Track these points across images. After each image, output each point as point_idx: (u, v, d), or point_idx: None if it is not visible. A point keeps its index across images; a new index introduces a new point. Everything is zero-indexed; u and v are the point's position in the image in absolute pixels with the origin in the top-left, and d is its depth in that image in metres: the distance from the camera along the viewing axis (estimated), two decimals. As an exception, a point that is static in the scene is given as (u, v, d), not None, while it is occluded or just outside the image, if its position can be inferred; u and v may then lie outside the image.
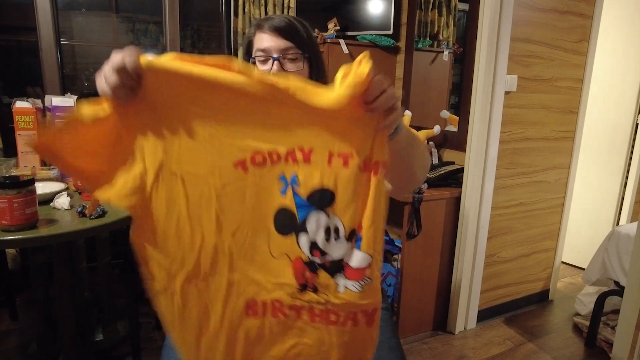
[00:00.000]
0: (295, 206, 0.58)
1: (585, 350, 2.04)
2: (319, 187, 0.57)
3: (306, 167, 0.57)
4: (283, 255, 0.60)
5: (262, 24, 0.89)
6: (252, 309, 0.62)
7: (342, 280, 0.60)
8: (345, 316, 0.61)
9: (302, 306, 0.61)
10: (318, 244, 0.59)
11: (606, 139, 2.81)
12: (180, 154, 0.56)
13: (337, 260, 0.60)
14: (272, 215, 0.59)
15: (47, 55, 1.99)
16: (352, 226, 0.58)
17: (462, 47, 2.21)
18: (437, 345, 2.04)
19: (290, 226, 0.59)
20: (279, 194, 0.58)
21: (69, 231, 1.02)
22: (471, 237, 2.06)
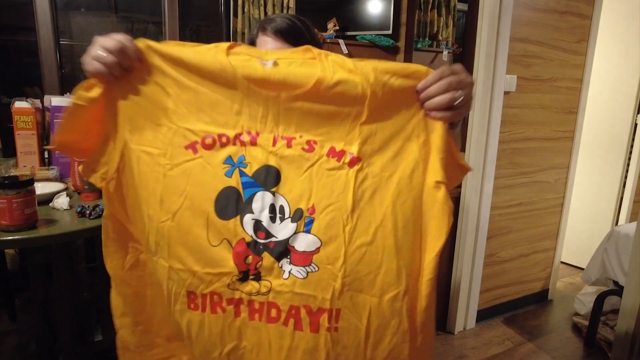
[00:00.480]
0: (242, 186, 0.58)
1: (585, 350, 2.05)
2: (264, 164, 0.59)
3: (252, 149, 0.59)
4: (223, 242, 0.58)
5: (265, 26, 0.88)
6: (193, 302, 0.60)
7: (287, 265, 0.58)
8: (287, 312, 0.57)
9: (241, 299, 0.58)
10: (263, 224, 0.58)
11: (605, 139, 2.82)
12: (141, 134, 0.59)
13: (281, 241, 0.58)
14: (214, 198, 0.58)
15: (46, 55, 1.99)
16: (298, 206, 0.58)
17: (461, 47, 2.21)
18: (437, 345, 2.04)
19: (234, 208, 0.58)
20: (223, 176, 0.58)
21: (69, 231, 1.01)
22: (471, 237, 2.06)
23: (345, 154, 0.58)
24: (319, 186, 0.58)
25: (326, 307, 0.57)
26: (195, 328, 0.60)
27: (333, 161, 0.58)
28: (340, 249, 0.57)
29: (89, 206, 1.09)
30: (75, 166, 1.20)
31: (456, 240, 2.09)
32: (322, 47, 0.93)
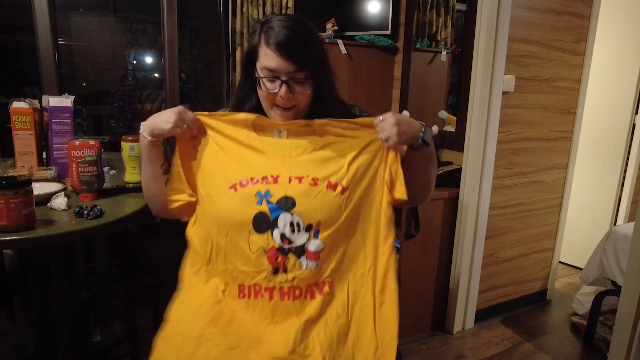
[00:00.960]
0: (269, 210, 0.84)
1: (583, 350, 2.05)
2: (284, 195, 0.85)
3: (275, 185, 0.87)
4: (259, 249, 0.84)
5: (269, 38, 0.86)
6: (242, 292, 0.86)
7: (304, 261, 0.85)
8: (305, 290, 0.85)
9: (275, 287, 0.84)
10: (286, 235, 0.84)
11: (603, 139, 2.82)
12: (203, 177, 0.92)
13: (299, 246, 0.84)
14: (251, 220, 0.84)
15: (44, 55, 1.99)
16: (309, 222, 0.85)
17: (460, 47, 2.21)
18: (436, 345, 2.04)
19: (265, 225, 0.84)
20: (255, 204, 0.85)
21: (67, 232, 1.01)
22: (469, 237, 2.06)
23: (338, 186, 0.87)
24: (323, 209, 0.86)
25: (327, 280, 0.87)
26: (242, 310, 0.85)
27: (330, 191, 0.87)
28: (336, 247, 0.87)
29: (87, 206, 1.09)
30: (73, 166, 1.20)
31: (455, 240, 2.09)
32: (325, 53, 0.93)
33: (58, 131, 1.36)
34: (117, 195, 1.29)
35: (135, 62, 3.03)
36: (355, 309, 0.87)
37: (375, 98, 2.56)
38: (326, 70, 0.93)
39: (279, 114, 0.91)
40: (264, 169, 0.88)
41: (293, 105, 0.90)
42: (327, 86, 0.93)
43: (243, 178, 0.87)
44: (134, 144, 1.39)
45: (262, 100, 0.93)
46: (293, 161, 0.89)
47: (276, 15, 0.91)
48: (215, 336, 0.83)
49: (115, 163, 1.58)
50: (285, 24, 0.87)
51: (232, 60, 2.33)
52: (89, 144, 1.21)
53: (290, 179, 0.87)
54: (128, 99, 2.90)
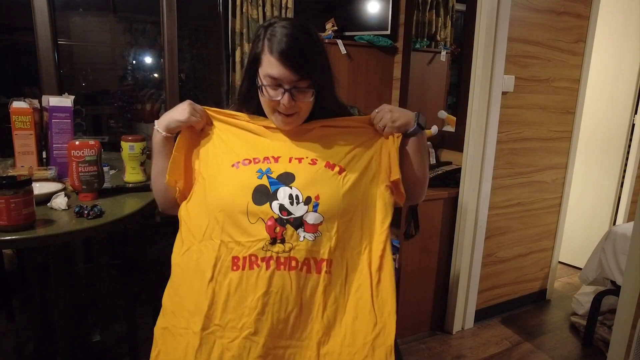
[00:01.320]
0: (269, 184, 0.88)
1: (582, 350, 2.05)
2: (284, 171, 0.90)
3: (275, 164, 0.91)
4: (258, 220, 0.85)
5: (272, 46, 0.86)
6: (236, 265, 0.85)
7: (302, 232, 0.86)
8: (302, 263, 0.85)
9: (271, 257, 0.84)
10: (285, 206, 0.86)
11: (602, 139, 2.82)
12: (206, 161, 0.96)
13: (298, 217, 0.86)
14: (251, 192, 0.86)
15: (44, 55, 1.98)
16: (308, 195, 0.87)
17: (459, 47, 2.21)
18: (435, 345, 2.04)
19: (265, 197, 0.86)
20: (256, 178, 0.89)
21: (66, 231, 1.01)
22: (469, 237, 2.07)
23: (336, 166, 0.91)
24: (321, 184, 0.89)
25: (325, 258, 0.86)
26: (235, 284, 0.84)
27: (329, 170, 0.91)
28: (335, 223, 0.88)
29: (87, 206, 1.09)
30: (73, 166, 1.20)
31: (454, 240, 2.09)
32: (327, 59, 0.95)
33: (58, 131, 1.36)
34: (117, 195, 1.29)
35: (134, 62, 3.03)
36: (352, 287, 0.89)
37: (375, 98, 2.56)
38: (328, 76, 0.94)
39: (281, 120, 0.93)
40: (265, 151, 0.94)
41: (295, 112, 0.92)
42: (328, 91, 0.95)
43: (245, 158, 0.92)
44: (133, 144, 1.40)
45: (263, 105, 0.94)
46: (294, 144, 0.96)
47: (279, 20, 0.90)
48: (217, 329, 0.84)
49: (115, 163, 1.58)
50: (288, 32, 0.86)
51: (232, 60, 2.34)
52: (89, 144, 1.22)
53: (290, 159, 0.92)
54: (127, 99, 2.90)
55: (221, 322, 0.84)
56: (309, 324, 0.85)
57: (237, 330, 0.83)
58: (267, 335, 0.83)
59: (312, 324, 0.85)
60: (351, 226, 0.90)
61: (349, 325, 0.86)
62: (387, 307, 0.88)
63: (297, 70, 0.86)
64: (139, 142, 1.40)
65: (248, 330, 0.83)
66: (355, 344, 0.84)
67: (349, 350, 0.84)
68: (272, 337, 0.83)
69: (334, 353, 0.84)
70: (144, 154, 1.42)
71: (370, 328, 0.86)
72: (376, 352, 0.84)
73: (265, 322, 0.83)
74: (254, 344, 0.82)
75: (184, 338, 0.85)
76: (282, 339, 0.84)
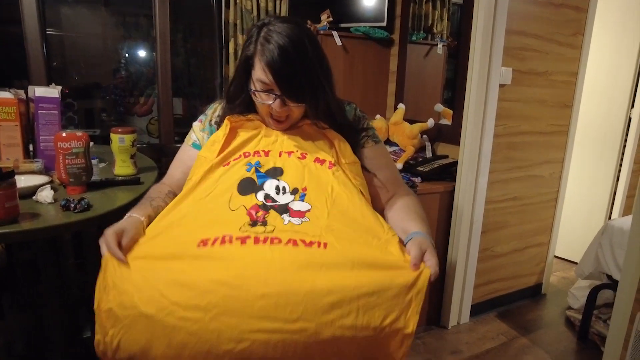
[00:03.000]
0: (257, 177, 0.87)
1: (578, 344, 2.05)
2: (273, 166, 0.89)
3: (265, 158, 0.91)
4: (240, 207, 0.81)
5: (264, 54, 0.86)
6: (202, 243, 0.73)
7: (287, 217, 0.80)
8: (287, 241, 0.73)
9: (249, 236, 0.73)
10: (270, 195, 0.84)
11: (599, 133, 2.81)
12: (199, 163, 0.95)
13: (283, 204, 0.82)
14: (237, 183, 0.85)
15: (32, 46, 1.94)
16: (295, 186, 0.85)
17: (456, 40, 2.19)
18: (431, 340, 2.03)
19: (251, 188, 0.85)
20: (244, 171, 0.87)
21: (52, 225, 0.98)
22: (465, 232, 2.05)
23: (325, 162, 0.92)
24: (310, 177, 0.88)
25: (315, 240, 0.74)
26: (203, 260, 0.70)
27: (318, 165, 0.91)
28: (324, 211, 0.82)
29: (74, 200, 1.06)
30: (60, 158, 1.16)
31: (450, 234, 2.08)
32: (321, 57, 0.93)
33: (45, 123, 1.32)
34: (106, 188, 1.25)
35: (127, 55, 2.98)
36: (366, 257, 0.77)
37: (371, 91, 2.53)
38: (321, 90, 0.93)
39: (273, 124, 0.96)
40: (256, 146, 0.94)
41: (287, 115, 0.94)
42: (322, 101, 0.94)
43: (236, 154, 0.92)
44: (123, 136, 1.36)
45: (258, 108, 0.97)
46: (285, 139, 0.96)
47: (274, 21, 0.89)
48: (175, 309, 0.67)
49: (106, 156, 1.55)
50: (282, 43, 0.86)
51: (226, 53, 2.30)
52: (76, 136, 1.18)
53: (280, 154, 0.92)
54: (120, 92, 2.86)
55: (179, 301, 0.67)
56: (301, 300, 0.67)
57: (201, 310, 0.66)
58: (241, 315, 0.66)
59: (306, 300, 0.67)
60: (345, 221, 0.81)
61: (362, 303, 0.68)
62: (418, 283, 0.75)
63: (288, 92, 0.88)
64: (129, 134, 1.36)
65: (216, 310, 0.66)
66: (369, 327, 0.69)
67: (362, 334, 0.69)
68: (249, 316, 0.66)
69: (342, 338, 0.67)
70: (134, 147, 1.38)
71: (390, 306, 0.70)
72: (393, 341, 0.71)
73: (237, 299, 0.66)
74: (223, 326, 0.66)
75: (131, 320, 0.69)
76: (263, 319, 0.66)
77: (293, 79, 0.88)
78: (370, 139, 1.05)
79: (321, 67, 0.92)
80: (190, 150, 1.05)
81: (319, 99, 0.93)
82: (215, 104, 1.08)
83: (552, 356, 1.94)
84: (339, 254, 0.73)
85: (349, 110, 1.06)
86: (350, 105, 1.07)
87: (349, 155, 0.97)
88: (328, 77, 0.95)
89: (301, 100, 0.91)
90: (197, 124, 1.07)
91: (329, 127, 0.99)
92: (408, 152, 2.17)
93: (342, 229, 0.78)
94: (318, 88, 0.92)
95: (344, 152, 0.97)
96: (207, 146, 0.96)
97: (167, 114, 2.26)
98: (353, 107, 1.07)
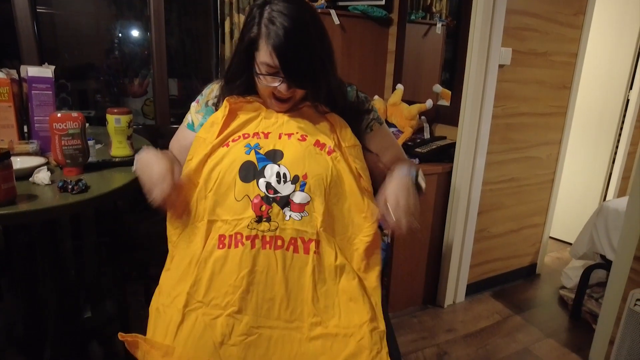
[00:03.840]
0: (257, 160, 0.87)
1: (570, 322, 2.10)
2: (272, 148, 0.89)
3: (265, 140, 0.91)
4: (244, 197, 0.84)
5: (269, 35, 0.84)
6: (222, 243, 0.83)
7: (288, 211, 0.84)
8: (289, 242, 0.83)
9: (257, 235, 0.82)
10: (272, 184, 0.85)
11: (596, 115, 2.81)
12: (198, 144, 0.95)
13: (284, 197, 0.84)
14: (238, 168, 0.86)
15: (22, 24, 1.89)
16: (296, 173, 0.86)
17: (455, 20, 2.15)
18: (427, 319, 2.07)
19: (252, 174, 0.85)
20: (244, 154, 0.87)
21: (50, 207, 0.97)
22: (462, 213, 2.06)
23: (325, 146, 0.91)
24: (309, 162, 0.87)
25: (313, 238, 0.84)
26: (220, 262, 0.82)
27: (318, 149, 0.90)
28: (322, 203, 0.86)
29: (72, 181, 1.05)
30: (55, 140, 1.15)
31: (447, 215, 2.09)
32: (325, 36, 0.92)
33: (39, 103, 1.29)
34: (103, 170, 1.24)
35: (120, 35, 2.92)
36: (344, 270, 0.86)
37: (369, 72, 2.50)
38: (327, 62, 0.92)
39: (275, 104, 0.95)
40: (256, 128, 0.94)
41: (291, 96, 0.93)
42: (327, 81, 0.94)
43: (235, 135, 0.92)
44: (119, 117, 1.34)
45: (259, 89, 0.95)
46: (285, 120, 0.95)
47: (275, 0, 0.87)
48: (199, 305, 0.82)
49: (102, 138, 1.53)
50: (285, 24, 0.84)
51: (221, 32, 2.25)
52: (72, 116, 1.16)
53: (280, 135, 0.92)
54: (114, 73, 2.81)
55: (204, 300, 0.82)
56: (298, 306, 0.82)
57: (221, 308, 0.81)
58: (252, 314, 0.81)
59: (302, 306, 0.82)
60: (339, 209, 0.88)
61: (344, 307, 0.83)
62: (374, 297, 0.87)
63: (294, 77, 0.88)
64: (125, 115, 1.35)
65: (232, 309, 0.80)
66: (350, 326, 0.82)
67: (345, 332, 0.81)
68: (257, 316, 0.81)
69: (328, 335, 0.81)
70: (130, 128, 1.37)
71: (366, 310, 0.83)
72: (373, 334, 0.81)
73: (250, 301, 0.81)
74: (237, 322, 0.80)
75: (167, 315, 0.83)
76: (268, 319, 0.81)
77: (301, 64, 0.87)
78: (375, 121, 1.06)
79: (326, 49, 0.92)
80: (185, 131, 1.06)
81: (322, 83, 0.93)
82: (213, 84, 1.06)
83: (545, 334, 1.99)
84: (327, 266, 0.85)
85: (349, 92, 1.05)
86: (351, 87, 1.06)
87: (350, 138, 0.97)
88: (331, 59, 0.95)
89: (306, 85, 0.91)
90: (194, 105, 1.06)
91: (330, 110, 0.98)
92: (406, 133, 2.16)
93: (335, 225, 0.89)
94: (322, 72, 0.91)
95: (345, 135, 0.96)
96: (206, 127, 0.95)
97: (163, 95, 2.23)
98: (354, 88, 1.07)
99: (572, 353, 1.86)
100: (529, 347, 1.89)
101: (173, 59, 2.85)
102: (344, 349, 0.80)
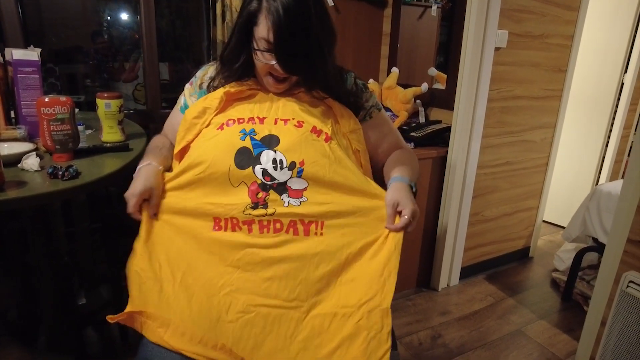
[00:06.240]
0: (252, 146, 0.85)
1: (562, 304, 2.13)
2: (268, 134, 0.87)
3: (260, 125, 0.89)
4: (241, 184, 0.83)
5: (269, 10, 0.82)
6: (217, 225, 0.84)
7: (286, 198, 0.83)
8: (288, 224, 0.82)
9: (253, 220, 0.82)
10: (268, 171, 0.84)
11: (590, 98, 2.81)
12: None
13: (282, 182, 0.83)
14: (233, 154, 0.84)
15: (5, 4, 1.82)
16: (292, 159, 0.84)
17: (450, 2, 2.12)
18: (421, 301, 2.09)
19: (247, 161, 0.84)
20: (239, 140, 0.86)
21: (40, 193, 0.95)
22: (456, 196, 2.07)
23: (322, 133, 0.89)
24: (306, 149, 0.86)
25: (314, 220, 0.84)
26: (217, 244, 0.83)
27: (314, 136, 0.88)
28: (321, 189, 0.85)
29: (62, 167, 1.03)
30: (44, 125, 1.12)
31: (442, 198, 2.09)
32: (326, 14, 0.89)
33: (25, 87, 1.26)
34: (94, 155, 1.22)
35: (109, 17, 2.84)
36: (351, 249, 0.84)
37: (364, 54, 2.46)
38: (327, 42, 0.90)
39: (272, 84, 0.93)
40: (251, 112, 0.92)
41: (287, 76, 0.91)
42: (323, 61, 0.91)
43: (230, 118, 0.91)
44: (110, 102, 1.31)
45: (257, 66, 0.93)
46: (281, 105, 0.93)
47: None
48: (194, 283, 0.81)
49: (93, 123, 1.50)
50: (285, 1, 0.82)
51: (213, 14, 2.20)
52: (60, 101, 1.13)
53: (276, 121, 0.90)
54: (102, 57, 2.74)
55: (200, 279, 0.82)
56: (297, 286, 0.81)
57: (217, 287, 0.81)
58: (250, 293, 0.80)
59: (301, 286, 0.81)
60: (339, 193, 0.86)
61: (344, 288, 0.82)
62: (389, 266, 0.83)
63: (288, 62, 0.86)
64: (115, 99, 1.32)
65: (229, 288, 0.80)
66: (348, 305, 0.80)
67: (343, 312, 0.79)
68: (255, 295, 0.80)
69: (326, 315, 0.80)
70: (121, 112, 1.34)
71: (366, 289, 0.81)
72: (372, 314, 0.78)
73: (248, 280, 0.81)
74: (234, 300, 0.80)
75: (156, 284, 0.82)
76: (266, 297, 0.80)
77: (296, 48, 0.85)
78: (374, 108, 1.05)
79: (326, 33, 0.90)
80: (179, 114, 1.05)
81: (318, 68, 0.91)
82: (208, 66, 1.04)
83: (537, 315, 2.02)
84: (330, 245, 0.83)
85: (347, 79, 1.03)
86: (349, 74, 1.04)
87: (350, 123, 0.95)
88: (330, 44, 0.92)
89: (300, 71, 0.90)
90: (188, 87, 1.04)
91: (327, 96, 0.97)
92: (401, 117, 2.15)
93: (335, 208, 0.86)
94: (319, 57, 0.89)
95: (345, 120, 0.95)
96: (200, 112, 0.94)
97: (154, 79, 2.18)
98: (352, 75, 1.05)
99: (563, 334, 1.89)
100: (521, 328, 1.92)
101: (164, 42, 2.79)
102: (342, 329, 0.78)
